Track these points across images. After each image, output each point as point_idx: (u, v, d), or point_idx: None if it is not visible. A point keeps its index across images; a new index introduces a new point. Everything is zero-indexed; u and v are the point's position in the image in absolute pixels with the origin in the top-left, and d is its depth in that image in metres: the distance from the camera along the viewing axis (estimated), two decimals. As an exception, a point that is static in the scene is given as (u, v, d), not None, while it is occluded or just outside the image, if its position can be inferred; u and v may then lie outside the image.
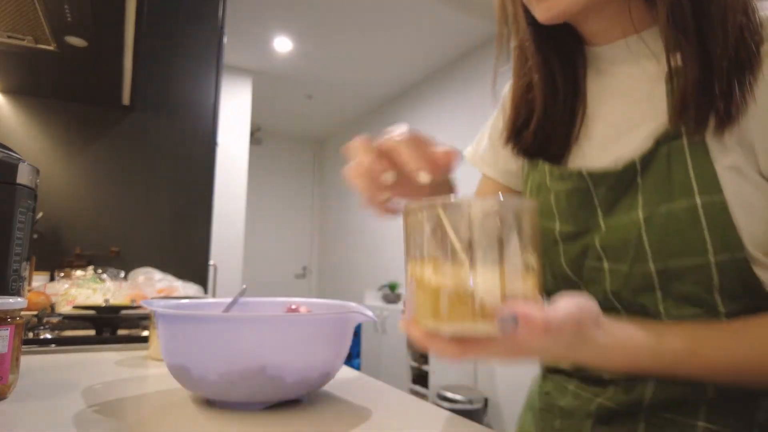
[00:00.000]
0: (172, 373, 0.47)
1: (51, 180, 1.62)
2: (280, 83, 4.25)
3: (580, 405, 0.50)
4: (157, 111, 1.81)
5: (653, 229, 0.42)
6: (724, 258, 0.40)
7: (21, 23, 1.10)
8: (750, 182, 0.40)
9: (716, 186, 0.40)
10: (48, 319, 0.91)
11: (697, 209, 0.40)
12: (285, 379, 0.45)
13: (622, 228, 0.44)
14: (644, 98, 0.46)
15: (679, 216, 0.41)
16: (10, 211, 0.72)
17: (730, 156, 0.40)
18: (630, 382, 0.46)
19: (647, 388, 0.45)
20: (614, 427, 0.48)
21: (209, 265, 1.86)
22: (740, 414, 0.43)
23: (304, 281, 5.81)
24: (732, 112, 0.39)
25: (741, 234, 0.39)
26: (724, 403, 0.43)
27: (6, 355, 0.48)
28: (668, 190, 0.42)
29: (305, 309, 0.57)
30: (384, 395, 0.55)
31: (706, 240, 0.40)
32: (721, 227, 0.40)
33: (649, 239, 0.42)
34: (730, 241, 0.39)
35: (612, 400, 0.48)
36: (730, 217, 0.39)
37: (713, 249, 0.40)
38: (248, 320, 0.45)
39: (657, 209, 0.42)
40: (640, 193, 0.44)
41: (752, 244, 0.40)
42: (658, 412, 0.45)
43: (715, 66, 0.39)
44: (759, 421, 0.42)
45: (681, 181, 0.41)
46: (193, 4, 1.91)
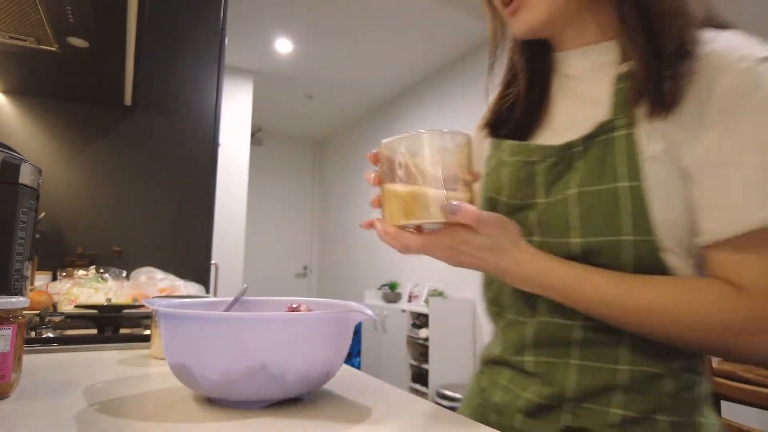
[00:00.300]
0: (174, 371, 0.47)
1: (53, 180, 1.62)
2: (280, 84, 4.25)
3: (510, 401, 0.56)
4: (158, 111, 1.81)
5: (581, 206, 0.49)
6: (638, 239, 0.46)
7: (23, 24, 1.11)
8: (670, 173, 0.46)
9: (639, 174, 0.46)
10: (50, 318, 0.91)
11: (619, 192, 0.47)
12: (286, 377, 0.45)
13: (556, 204, 0.52)
14: (595, 98, 0.53)
15: (603, 197, 0.48)
16: (12, 211, 0.72)
17: (654, 148, 0.47)
18: (551, 373, 0.52)
19: (567, 380, 0.51)
20: (541, 420, 0.53)
21: (210, 265, 1.86)
22: (648, 396, 0.49)
23: (304, 280, 5.81)
24: (664, 109, 0.46)
25: (655, 218, 0.46)
26: (634, 390, 0.49)
27: (8, 354, 0.48)
28: (599, 174, 0.48)
29: (306, 308, 0.58)
30: (384, 394, 0.55)
31: (624, 221, 0.46)
32: (638, 211, 0.46)
33: (576, 215, 0.49)
34: (644, 224, 0.46)
35: (537, 394, 0.53)
36: (647, 203, 0.46)
37: (629, 230, 0.46)
38: (249, 319, 0.45)
39: (587, 189, 0.49)
40: (576, 174, 0.50)
41: (665, 230, 0.46)
42: (578, 403, 0.51)
43: (658, 74, 0.46)
44: (667, 391, 0.49)
45: (610, 167, 0.48)
46: (194, 6, 1.91)
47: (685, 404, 0.50)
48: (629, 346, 0.49)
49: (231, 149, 3.79)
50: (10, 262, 0.72)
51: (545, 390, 0.52)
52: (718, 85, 0.45)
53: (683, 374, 0.50)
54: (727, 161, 0.44)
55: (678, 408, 0.49)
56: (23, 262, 0.76)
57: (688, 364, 0.51)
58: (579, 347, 0.51)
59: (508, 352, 0.58)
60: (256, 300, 0.62)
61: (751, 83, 0.43)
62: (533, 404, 0.53)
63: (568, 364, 0.52)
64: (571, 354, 0.52)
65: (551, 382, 0.52)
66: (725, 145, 0.44)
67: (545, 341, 0.53)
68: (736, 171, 0.44)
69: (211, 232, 1.84)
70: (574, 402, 0.51)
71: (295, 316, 0.47)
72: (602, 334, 0.50)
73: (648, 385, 0.49)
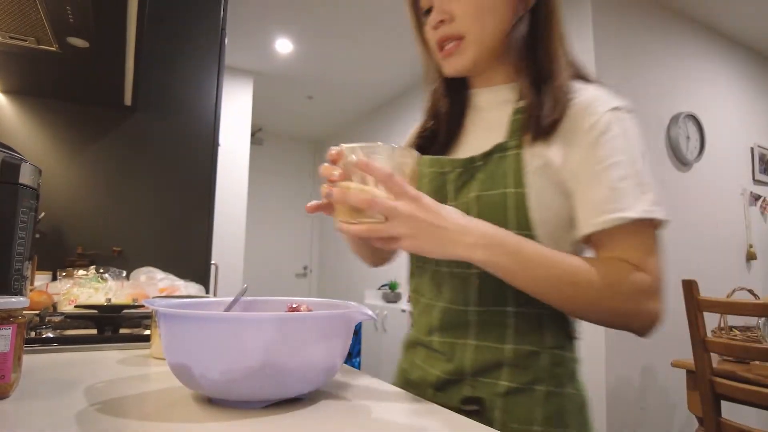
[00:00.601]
0: (174, 371, 0.47)
1: (53, 180, 1.62)
2: (280, 84, 4.25)
3: (424, 377, 0.67)
4: (158, 111, 1.81)
5: (479, 207, 0.63)
6: (519, 233, 0.58)
7: (23, 24, 1.11)
8: (546, 183, 0.61)
9: (522, 183, 0.61)
10: (50, 318, 0.91)
11: (507, 197, 0.61)
12: (286, 377, 0.45)
13: (461, 205, 0.63)
14: (496, 126, 0.68)
15: (495, 200, 0.62)
16: (12, 211, 0.72)
17: (535, 164, 0.61)
18: (452, 351, 0.64)
19: (465, 358, 0.63)
20: (447, 392, 0.64)
21: (210, 265, 1.86)
22: (529, 370, 0.61)
23: (304, 280, 5.81)
24: (543, 137, 0.62)
25: (533, 217, 0.60)
26: (518, 365, 0.61)
27: (8, 354, 0.48)
28: (494, 182, 0.63)
29: (306, 308, 0.58)
30: (384, 393, 0.55)
31: (510, 218, 0.60)
32: (521, 211, 0.60)
33: (475, 213, 0.61)
34: (525, 221, 0.60)
35: (443, 370, 0.65)
36: (527, 205, 0.60)
37: (513, 225, 0.60)
38: (249, 319, 0.45)
39: (484, 194, 0.63)
40: (477, 183, 0.64)
41: (541, 227, 0.60)
42: (474, 377, 0.62)
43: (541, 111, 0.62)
44: (543, 366, 0.61)
45: (502, 177, 0.62)
46: (194, 6, 1.91)
47: (557, 377, 0.62)
48: (513, 328, 0.62)
49: (231, 149, 3.79)
50: (10, 262, 0.72)
51: (449, 366, 0.64)
52: (584, 123, 0.61)
53: (556, 351, 0.63)
54: (593, 175, 0.59)
55: (552, 380, 0.61)
56: (23, 262, 0.76)
57: (560, 343, 0.63)
58: (474, 330, 0.63)
59: (422, 333, 0.69)
60: (256, 300, 0.62)
61: (605, 124, 0.60)
62: (441, 380, 0.65)
63: (466, 344, 0.63)
64: (468, 335, 0.63)
65: (453, 359, 0.64)
66: (590, 164, 0.59)
67: (447, 325, 0.65)
68: (605, 182, 0.58)
69: (211, 232, 1.84)
70: (472, 376, 0.62)
71: (295, 316, 0.47)
72: (492, 318, 0.62)
73: (528, 361, 0.61)
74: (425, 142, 0.75)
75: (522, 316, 0.62)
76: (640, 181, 0.58)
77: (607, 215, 0.57)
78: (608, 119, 0.60)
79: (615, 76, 2.49)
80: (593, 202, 0.58)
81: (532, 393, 0.60)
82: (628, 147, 0.59)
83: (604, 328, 2.22)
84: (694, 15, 2.89)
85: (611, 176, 0.58)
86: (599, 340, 2.22)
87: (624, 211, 0.56)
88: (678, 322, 1.98)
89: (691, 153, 2.75)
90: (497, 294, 0.62)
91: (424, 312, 0.69)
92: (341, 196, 0.51)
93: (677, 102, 2.75)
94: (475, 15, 0.64)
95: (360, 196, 0.50)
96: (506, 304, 0.62)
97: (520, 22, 0.66)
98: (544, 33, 0.66)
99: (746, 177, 3.12)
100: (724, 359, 1.79)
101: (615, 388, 2.22)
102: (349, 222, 0.53)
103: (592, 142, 0.60)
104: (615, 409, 2.20)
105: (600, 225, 0.57)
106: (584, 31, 2.47)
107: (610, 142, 0.59)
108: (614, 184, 0.57)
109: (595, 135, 0.60)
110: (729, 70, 3.14)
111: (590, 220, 0.58)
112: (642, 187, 0.58)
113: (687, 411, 2.10)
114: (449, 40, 0.66)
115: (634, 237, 0.58)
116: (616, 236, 0.58)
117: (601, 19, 2.49)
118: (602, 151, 0.59)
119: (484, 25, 0.65)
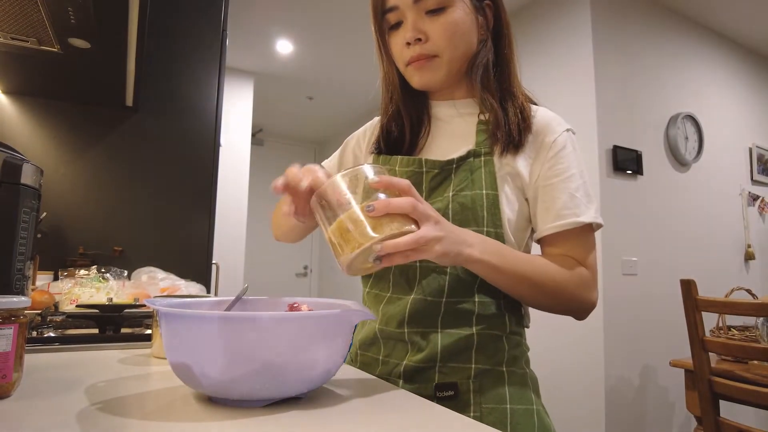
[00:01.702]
0: (175, 371, 0.47)
1: (55, 180, 1.63)
2: (281, 85, 4.25)
3: (391, 370, 0.70)
4: (160, 112, 1.82)
5: (456, 205, 0.68)
6: (491, 230, 0.67)
7: (25, 25, 1.11)
8: (512, 188, 0.70)
9: (495, 186, 0.69)
10: (51, 317, 0.92)
11: (482, 197, 0.68)
12: (286, 376, 0.45)
13: (437, 203, 0.69)
14: (462, 136, 0.75)
15: (471, 199, 0.68)
16: (14, 211, 0.73)
17: (504, 171, 0.70)
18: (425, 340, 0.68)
19: (437, 346, 0.67)
20: (419, 381, 0.68)
21: (211, 265, 1.86)
22: (493, 353, 0.68)
23: (305, 280, 5.81)
24: (511, 148, 0.70)
25: (503, 217, 0.68)
26: (484, 348, 0.67)
27: (10, 354, 0.48)
28: (468, 184, 0.69)
29: (306, 307, 0.58)
30: (383, 393, 0.55)
31: (483, 217, 0.67)
32: (493, 210, 0.68)
33: (452, 211, 0.68)
34: (497, 220, 0.68)
35: (414, 360, 0.68)
36: (499, 205, 0.68)
37: (486, 223, 0.67)
38: (250, 319, 0.45)
39: (460, 193, 0.69)
40: (452, 183, 0.70)
41: (509, 225, 0.69)
42: (445, 363, 0.67)
43: (507, 124, 0.70)
44: (503, 348, 0.69)
45: (476, 179, 0.69)
46: (195, 7, 1.91)
47: (515, 358, 0.70)
48: (480, 315, 0.68)
49: (232, 150, 3.79)
50: (11, 262, 0.73)
51: (419, 355, 0.68)
52: (545, 139, 0.71)
53: (512, 336, 0.70)
54: (550, 185, 0.69)
55: (511, 360, 0.69)
56: (25, 261, 0.76)
57: (517, 329, 0.71)
58: (445, 318, 0.68)
59: (390, 326, 0.71)
60: (257, 299, 0.63)
61: (562, 143, 0.71)
62: (412, 368, 0.68)
63: (438, 332, 0.68)
64: (439, 324, 0.68)
65: (425, 347, 0.68)
66: (550, 176, 0.69)
67: (419, 315, 0.69)
68: (564, 192, 0.68)
69: (212, 231, 1.85)
70: (443, 362, 0.67)
71: (295, 315, 0.48)
72: (462, 306, 0.68)
73: (492, 344, 0.68)
74: (390, 147, 0.79)
75: (486, 305, 0.68)
76: (587, 192, 0.70)
77: (565, 219, 0.67)
78: (565, 138, 0.71)
79: (614, 76, 2.49)
80: (554, 208, 0.68)
81: (499, 374, 0.68)
82: (578, 163, 0.71)
83: (603, 328, 2.23)
84: (693, 15, 2.89)
85: (569, 186, 0.68)
86: (599, 340, 2.23)
87: (579, 216, 0.67)
88: (677, 322, 1.99)
89: (690, 153, 2.76)
90: (466, 284, 0.68)
91: (390, 304, 0.72)
92: (385, 206, 0.50)
93: (676, 102, 2.76)
94: (450, 38, 0.70)
95: (404, 202, 0.50)
96: (473, 293, 0.68)
97: (483, 45, 0.74)
98: (506, 55, 0.75)
99: (745, 177, 3.13)
100: (723, 359, 1.80)
101: (614, 388, 2.22)
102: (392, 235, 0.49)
103: (552, 157, 0.70)
104: (614, 409, 2.20)
105: (559, 227, 0.68)
106: (583, 32, 2.47)
107: (566, 158, 0.70)
108: (571, 193, 0.68)
109: (555, 150, 0.70)
110: (728, 71, 3.14)
111: (550, 223, 0.68)
112: (589, 197, 0.70)
113: (686, 410, 2.10)
114: (422, 58, 0.72)
115: (580, 237, 0.69)
116: (566, 237, 0.68)
117: (600, 20, 2.49)
118: (560, 165, 0.69)
119: (456, 47, 0.71)
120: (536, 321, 0.78)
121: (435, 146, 0.77)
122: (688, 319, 1.59)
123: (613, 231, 2.34)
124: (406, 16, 0.71)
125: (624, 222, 2.39)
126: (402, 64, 0.75)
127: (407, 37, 0.71)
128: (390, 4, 0.72)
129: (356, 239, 0.49)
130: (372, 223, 0.49)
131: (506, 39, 0.76)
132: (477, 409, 0.65)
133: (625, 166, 2.42)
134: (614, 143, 2.41)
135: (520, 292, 0.66)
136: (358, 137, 0.89)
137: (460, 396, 0.66)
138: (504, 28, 0.76)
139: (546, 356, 2.41)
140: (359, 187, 0.52)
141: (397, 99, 0.80)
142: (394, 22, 0.74)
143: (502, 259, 0.61)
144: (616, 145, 2.41)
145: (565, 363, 2.35)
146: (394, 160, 0.76)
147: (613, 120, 2.45)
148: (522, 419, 0.66)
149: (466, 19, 0.71)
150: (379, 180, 0.52)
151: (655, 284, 2.44)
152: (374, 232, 0.49)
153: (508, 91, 0.74)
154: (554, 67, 2.61)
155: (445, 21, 0.70)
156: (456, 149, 0.73)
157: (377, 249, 0.49)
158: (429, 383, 0.67)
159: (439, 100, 0.80)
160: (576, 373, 2.30)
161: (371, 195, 0.51)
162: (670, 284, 2.25)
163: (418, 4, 0.70)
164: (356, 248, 0.49)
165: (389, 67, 0.79)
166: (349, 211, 0.50)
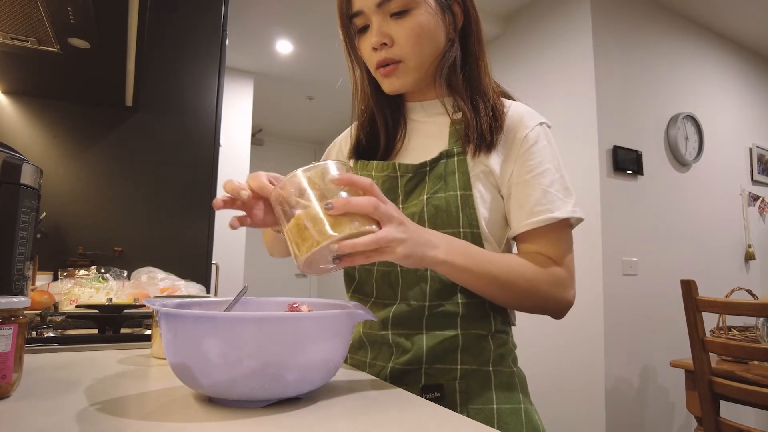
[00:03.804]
0: (175, 371, 0.47)
1: (54, 180, 1.62)
2: (281, 85, 4.25)
3: (377, 373, 0.70)
4: (159, 112, 1.82)
5: (430, 207, 0.68)
6: (468, 230, 0.67)
7: (25, 25, 1.11)
8: (486, 187, 0.69)
9: (469, 185, 0.68)
10: (51, 318, 0.92)
11: (457, 198, 0.67)
12: (286, 377, 0.45)
13: (412, 207, 0.70)
14: (436, 135, 0.75)
15: (446, 200, 0.67)
16: (13, 211, 0.73)
17: (477, 170, 0.69)
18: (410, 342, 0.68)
19: (422, 348, 0.67)
20: (405, 383, 0.67)
21: (211, 265, 1.86)
22: (479, 352, 0.68)
23: (304, 280, 5.81)
24: (484, 147, 0.69)
25: (479, 216, 0.67)
26: (469, 348, 0.67)
27: (9, 354, 0.48)
28: (443, 185, 0.69)
29: (306, 308, 0.58)
30: (383, 392, 0.55)
31: (459, 217, 0.67)
32: (468, 211, 0.67)
33: (427, 213, 0.68)
34: (472, 220, 0.67)
35: (399, 362, 0.68)
36: (474, 205, 0.67)
37: (462, 224, 0.67)
38: (250, 319, 0.45)
39: (434, 196, 0.68)
40: (426, 186, 0.70)
41: (486, 225, 0.68)
42: (431, 364, 0.67)
43: (479, 124, 0.69)
44: (489, 348, 0.68)
45: (450, 180, 0.69)
46: (195, 7, 1.91)
47: (501, 357, 0.69)
48: (464, 316, 0.68)
49: (232, 150, 3.79)
50: (11, 262, 0.73)
51: (405, 357, 0.68)
52: (518, 134, 0.69)
53: (498, 335, 0.70)
54: (523, 182, 0.68)
55: (497, 360, 0.69)
56: (24, 262, 0.76)
57: (503, 328, 0.71)
58: (429, 321, 0.68)
59: (375, 328, 0.72)
60: (257, 300, 0.63)
61: (535, 137, 0.69)
62: (398, 371, 0.68)
63: (422, 334, 0.68)
64: (423, 326, 0.68)
65: (410, 349, 0.68)
66: (524, 171, 0.68)
67: (403, 318, 0.69)
68: (537, 187, 0.67)
69: (212, 232, 1.85)
70: (429, 363, 0.67)
71: (295, 316, 0.47)
72: (446, 308, 0.67)
73: (478, 344, 0.68)
74: (366, 152, 0.79)
75: (470, 306, 0.68)
76: (564, 186, 0.68)
77: (539, 216, 0.66)
78: (537, 132, 0.70)
79: (614, 76, 2.49)
80: (527, 204, 0.67)
81: (485, 374, 0.67)
82: (554, 157, 0.69)
83: (604, 329, 2.23)
84: (693, 15, 2.89)
85: (542, 182, 0.67)
86: (599, 341, 2.23)
87: (552, 212, 0.65)
88: (677, 322, 1.99)
89: (690, 153, 2.76)
90: (448, 287, 0.68)
91: (373, 310, 0.72)
92: (344, 204, 0.48)
93: (676, 102, 2.76)
94: (415, 41, 0.69)
95: (365, 201, 0.49)
96: (457, 295, 0.68)
97: (451, 45, 0.73)
98: (475, 53, 0.74)
99: (745, 177, 3.13)
100: (723, 359, 1.79)
101: (614, 388, 2.22)
102: (351, 235, 0.48)
103: (524, 152, 0.69)
104: (614, 409, 2.20)
105: (533, 224, 0.66)
106: (583, 32, 2.47)
107: (540, 152, 0.68)
108: (545, 189, 0.67)
109: (527, 146, 0.69)
110: (728, 71, 3.14)
111: (524, 220, 0.67)
112: (567, 191, 0.68)
113: (686, 411, 2.10)
114: (389, 63, 0.71)
115: (554, 234, 0.67)
116: (541, 234, 0.67)
117: (601, 20, 2.49)
118: (533, 160, 0.68)
119: (422, 50, 0.70)
120: (536, 321, 0.78)
121: (411, 148, 0.77)
122: (688, 319, 1.59)
123: (613, 231, 2.34)
124: (371, 21, 0.70)
125: (624, 222, 2.39)
126: (372, 68, 0.74)
127: (372, 42, 0.71)
128: (355, 9, 0.71)
129: (314, 237, 0.47)
130: (331, 222, 0.47)
131: (474, 36, 0.74)
132: (464, 411, 0.65)
133: (625, 167, 2.42)
134: (614, 143, 2.42)
135: (490, 293, 0.64)
136: (339, 144, 0.89)
137: (446, 397, 0.65)
138: (472, 24, 0.74)
139: (546, 356, 2.41)
140: (321, 184, 0.50)
141: (370, 104, 0.79)
142: (360, 26, 0.73)
143: (468, 260, 0.59)
144: (617, 145, 2.42)
145: (565, 363, 2.35)
146: (371, 165, 0.76)
147: (613, 120, 2.45)
148: (510, 419, 0.65)
149: (431, 21, 0.70)
150: (339, 177, 0.50)
151: (656, 284, 2.44)
152: (333, 231, 0.47)
153: (478, 90, 0.72)
154: (554, 67, 2.61)
155: (409, 24, 0.69)
156: (430, 151, 0.72)
157: (335, 248, 0.47)
158: (415, 385, 0.66)
159: (413, 102, 0.80)
160: (576, 373, 2.30)
161: (333, 193, 0.49)
162: (670, 284, 2.25)
163: (382, 8, 0.69)
164: (313, 246, 0.47)
165: (361, 72, 0.79)
166: (308, 209, 0.49)
